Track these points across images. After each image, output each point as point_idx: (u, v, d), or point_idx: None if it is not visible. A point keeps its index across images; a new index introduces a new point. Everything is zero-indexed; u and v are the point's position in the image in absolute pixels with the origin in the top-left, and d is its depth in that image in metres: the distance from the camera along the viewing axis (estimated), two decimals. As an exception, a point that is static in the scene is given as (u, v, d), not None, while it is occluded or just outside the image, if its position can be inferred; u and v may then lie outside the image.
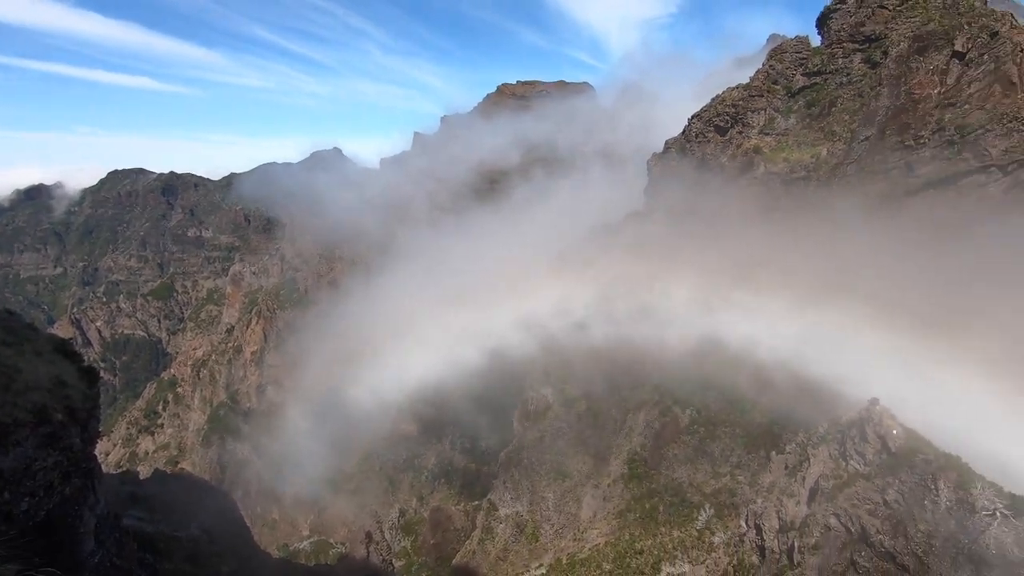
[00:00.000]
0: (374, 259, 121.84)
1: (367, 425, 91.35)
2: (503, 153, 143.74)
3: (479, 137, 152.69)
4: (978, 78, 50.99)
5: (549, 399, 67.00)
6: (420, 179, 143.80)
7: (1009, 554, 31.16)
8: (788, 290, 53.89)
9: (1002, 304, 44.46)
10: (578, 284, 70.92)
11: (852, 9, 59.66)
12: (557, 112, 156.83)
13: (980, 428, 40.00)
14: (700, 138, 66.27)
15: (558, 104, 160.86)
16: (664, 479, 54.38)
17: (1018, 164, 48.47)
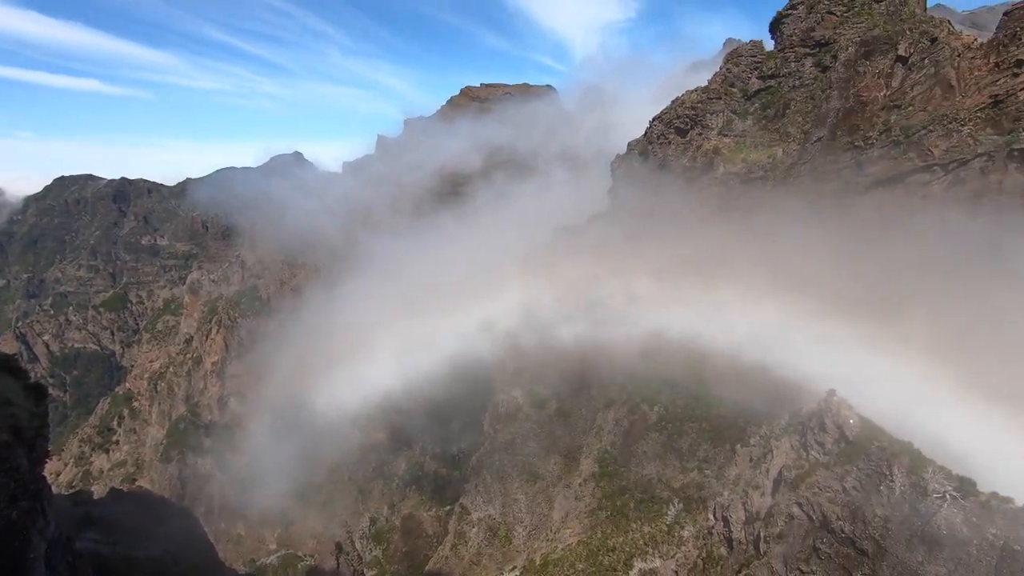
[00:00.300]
0: (338, 265, 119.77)
1: (335, 434, 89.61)
2: (466, 156, 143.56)
3: (442, 140, 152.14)
4: (920, 81, 53.58)
5: (519, 401, 67.10)
6: (383, 183, 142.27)
7: (959, 534, 32.72)
8: (749, 287, 55.44)
9: (944, 295, 46.82)
10: (545, 285, 71.33)
11: (803, 15, 61.86)
12: (520, 115, 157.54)
13: (927, 412, 42.01)
14: (661, 140, 67.58)
15: (521, 107, 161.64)
16: (634, 476, 55.11)
17: (958, 163, 51.11)
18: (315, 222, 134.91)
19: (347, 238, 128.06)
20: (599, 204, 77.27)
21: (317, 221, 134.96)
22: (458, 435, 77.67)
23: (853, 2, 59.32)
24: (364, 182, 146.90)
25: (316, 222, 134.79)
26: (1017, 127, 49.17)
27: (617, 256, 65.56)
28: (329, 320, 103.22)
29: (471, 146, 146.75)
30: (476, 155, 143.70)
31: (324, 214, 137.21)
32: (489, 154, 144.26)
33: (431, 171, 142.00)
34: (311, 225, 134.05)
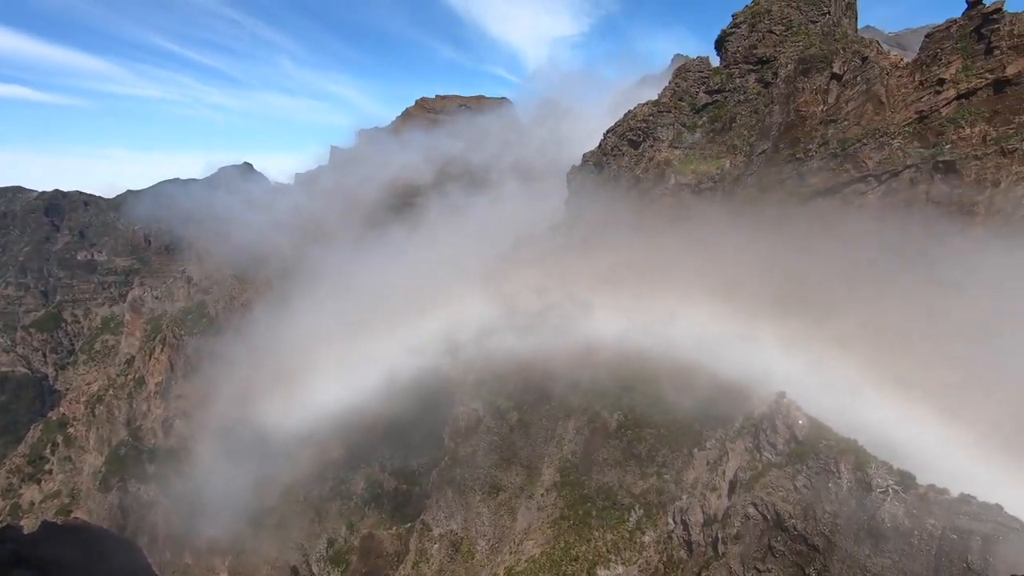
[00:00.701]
0: (290, 280, 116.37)
1: (289, 454, 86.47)
2: (420, 168, 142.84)
3: (396, 152, 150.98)
4: (854, 97, 56.85)
5: (480, 413, 66.61)
6: (336, 195, 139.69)
7: (901, 526, 34.38)
8: (702, 293, 57.08)
9: (879, 299, 49.50)
10: (503, 296, 71.37)
11: (745, 33, 64.74)
12: (475, 126, 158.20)
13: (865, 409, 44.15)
14: (615, 151, 69.06)
15: (476, 118, 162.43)
16: (595, 484, 55.45)
17: (890, 174, 54.34)
18: (265, 235, 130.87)
19: (298, 252, 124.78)
20: (554, 215, 78.14)
21: (267, 234, 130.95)
22: (418, 450, 76.25)
23: (791, 22, 62.54)
24: (316, 194, 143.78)
25: (266, 235, 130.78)
26: (940, 141, 52.75)
27: (575, 266, 66.33)
28: (280, 336, 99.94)
29: (425, 158, 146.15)
30: (430, 167, 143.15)
31: (274, 227, 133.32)
32: (443, 166, 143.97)
33: (384, 183, 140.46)
34: (261, 238, 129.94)
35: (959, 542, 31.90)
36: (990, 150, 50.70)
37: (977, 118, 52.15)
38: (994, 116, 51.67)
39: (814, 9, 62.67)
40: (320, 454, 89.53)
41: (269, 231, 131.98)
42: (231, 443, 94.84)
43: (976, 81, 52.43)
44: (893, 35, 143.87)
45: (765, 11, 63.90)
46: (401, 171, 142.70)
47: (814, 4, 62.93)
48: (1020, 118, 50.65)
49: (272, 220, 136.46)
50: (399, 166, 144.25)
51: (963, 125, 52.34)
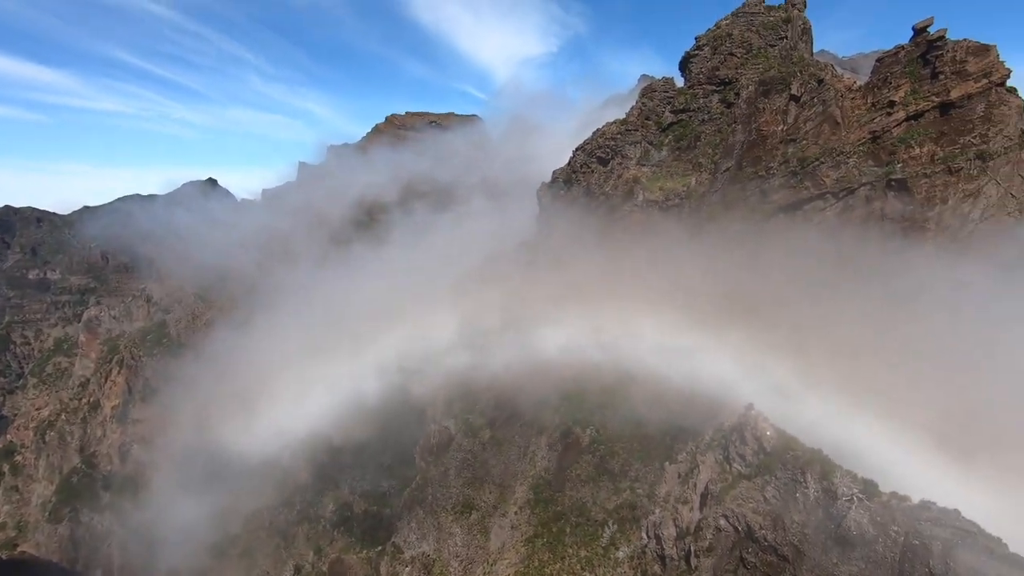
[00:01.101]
0: (254, 299, 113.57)
1: (254, 478, 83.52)
2: (389, 184, 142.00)
3: (365, 168, 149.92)
4: (811, 118, 59.17)
5: (452, 431, 65.81)
6: (303, 212, 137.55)
7: (866, 533, 35.13)
8: (671, 308, 57.95)
9: (839, 312, 51.17)
10: (475, 313, 71.09)
11: (708, 55, 66.92)
12: (444, 143, 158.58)
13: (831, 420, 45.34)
14: (585, 169, 70.08)
15: (446, 135, 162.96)
16: (569, 500, 55.17)
17: (847, 191, 56.54)
18: (229, 253, 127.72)
19: (263, 270, 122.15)
20: (524, 232, 78.56)
21: (231, 252, 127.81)
22: (389, 471, 74.66)
23: (751, 46, 64.97)
24: (282, 211, 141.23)
25: (230, 253, 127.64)
26: (892, 160, 55.24)
27: (545, 282, 66.62)
28: (244, 357, 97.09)
29: (394, 174, 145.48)
30: (398, 183, 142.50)
31: (238, 245, 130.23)
32: (412, 182, 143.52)
33: (352, 200, 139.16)
34: (224, 256, 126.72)
35: (921, 548, 32.72)
36: (938, 169, 53.33)
37: (925, 139, 54.86)
38: (941, 137, 54.45)
39: (772, 34, 65.28)
40: (286, 478, 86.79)
41: (233, 249, 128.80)
42: (192, 469, 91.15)
43: (923, 104, 55.25)
44: (846, 59, 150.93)
45: (727, 35, 66.26)
46: (369, 188, 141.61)
47: (772, 29, 65.57)
48: (964, 139, 53.48)
49: (236, 237, 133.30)
50: (367, 183, 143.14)
51: (913, 145, 54.97)
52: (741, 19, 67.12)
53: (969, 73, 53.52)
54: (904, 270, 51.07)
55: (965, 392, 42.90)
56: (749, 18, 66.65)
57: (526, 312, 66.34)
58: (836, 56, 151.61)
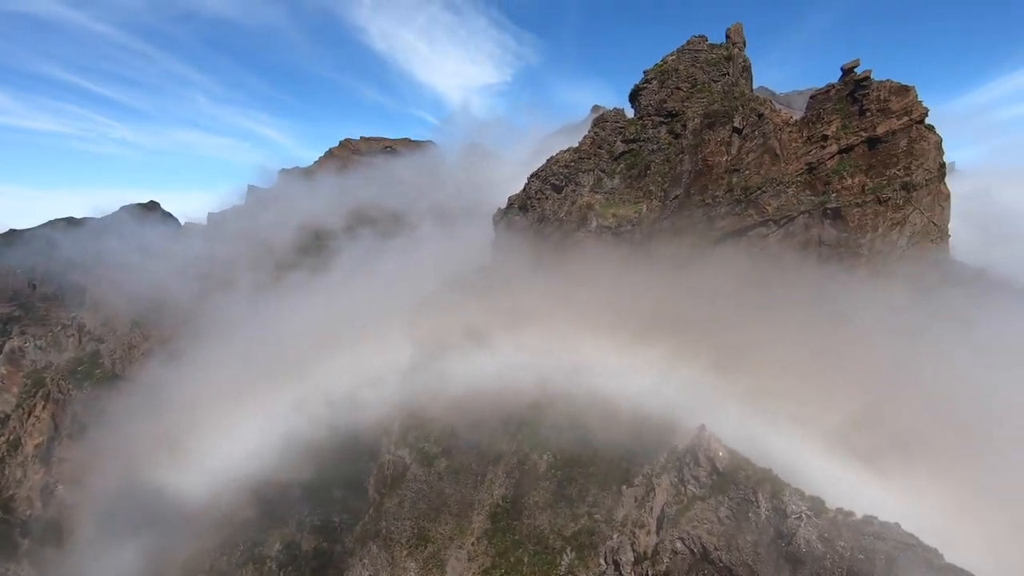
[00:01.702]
0: (194, 328, 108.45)
1: (194, 519, 78.33)
2: (340, 210, 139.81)
3: (316, 193, 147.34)
4: (753, 149, 62.37)
5: (407, 461, 64.01)
6: (250, 238, 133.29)
7: (815, 550, 36.03)
8: (624, 331, 58.89)
9: (783, 333, 53.40)
10: (430, 340, 70.07)
11: (656, 88, 69.89)
12: (399, 169, 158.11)
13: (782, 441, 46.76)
14: (539, 195, 71.20)
15: (401, 161, 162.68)
16: (527, 528, 54.28)
17: (787, 219, 59.58)
18: (169, 279, 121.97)
19: (205, 298, 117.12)
20: (479, 257, 78.67)
21: (172, 278, 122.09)
22: (341, 504, 71.54)
23: (696, 80, 68.32)
24: (228, 236, 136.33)
25: (170, 279, 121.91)
26: (828, 189, 58.74)
27: (501, 307, 66.62)
28: (184, 389, 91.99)
29: (346, 200, 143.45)
30: (351, 209, 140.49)
31: (180, 270, 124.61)
32: (365, 208, 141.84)
33: (302, 225, 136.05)
34: (164, 282, 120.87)
35: (866, 562, 33.81)
36: (868, 199, 57.03)
37: (856, 170, 58.74)
38: (870, 169, 58.42)
39: (715, 70, 68.92)
40: (229, 517, 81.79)
41: (173, 274, 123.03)
42: (124, 511, 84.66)
43: (853, 138, 59.29)
44: (783, 95, 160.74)
45: (673, 70, 69.50)
46: (320, 213, 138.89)
47: (715, 65, 69.26)
48: (891, 171, 57.52)
49: (178, 262, 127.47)
50: (317, 208, 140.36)
51: (845, 176, 58.72)
52: (686, 55, 70.65)
53: (892, 111, 57.92)
54: (841, 293, 53.94)
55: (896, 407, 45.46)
56: (693, 55, 70.24)
57: (482, 337, 65.96)
58: (774, 92, 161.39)
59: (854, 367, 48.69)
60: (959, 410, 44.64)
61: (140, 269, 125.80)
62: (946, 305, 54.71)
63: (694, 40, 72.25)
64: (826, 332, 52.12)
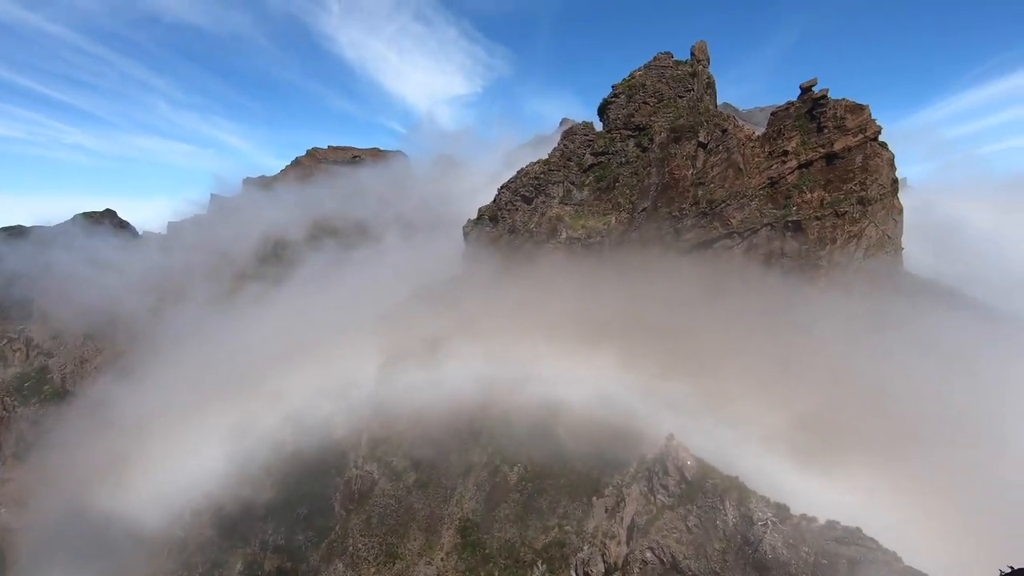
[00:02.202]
0: (151, 341, 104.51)
1: (150, 541, 74.86)
2: (306, 220, 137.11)
3: (282, 203, 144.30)
4: (717, 163, 63.96)
5: (374, 475, 62.69)
6: (213, 247, 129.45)
7: (780, 556, 36.64)
8: (594, 342, 59.27)
9: (748, 340, 54.61)
10: (400, 351, 69.14)
11: (624, 103, 71.18)
12: (367, 179, 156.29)
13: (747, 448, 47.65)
14: (510, 206, 71.41)
15: (369, 171, 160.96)
16: (497, 542, 53.67)
17: (751, 231, 61.16)
18: (125, 290, 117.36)
19: (164, 309, 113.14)
20: (450, 268, 78.22)
21: (127, 289, 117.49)
22: (306, 522, 69.38)
23: (662, 96, 69.88)
24: (188, 246, 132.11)
25: (126, 290, 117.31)
26: (789, 203, 60.59)
27: (472, 318, 66.28)
28: (144, 400, 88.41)
29: (311, 209, 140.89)
30: (318, 219, 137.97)
31: (136, 281, 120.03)
32: (331, 218, 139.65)
33: (266, 235, 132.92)
34: (119, 294, 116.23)
35: (829, 567, 34.54)
36: (827, 212, 59.08)
37: (815, 185, 60.85)
38: (828, 184, 60.60)
39: (681, 86, 70.66)
40: (187, 538, 78.49)
41: (127, 286, 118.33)
42: (74, 534, 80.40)
43: (812, 154, 61.46)
44: (745, 112, 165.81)
45: (640, 85, 70.94)
46: (283, 223, 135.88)
47: (680, 81, 71.01)
48: (848, 185, 59.77)
49: (132, 274, 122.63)
50: (281, 218, 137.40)
51: (805, 190, 60.73)
52: (653, 71, 72.27)
53: (848, 128, 60.34)
54: (802, 303, 55.57)
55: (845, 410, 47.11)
56: (660, 71, 71.90)
57: (452, 349, 65.42)
58: (737, 108, 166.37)
59: (813, 375, 50.12)
60: (905, 412, 46.62)
61: (91, 281, 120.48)
62: (898, 314, 56.99)
63: (660, 56, 74.03)
64: (788, 341, 53.57)
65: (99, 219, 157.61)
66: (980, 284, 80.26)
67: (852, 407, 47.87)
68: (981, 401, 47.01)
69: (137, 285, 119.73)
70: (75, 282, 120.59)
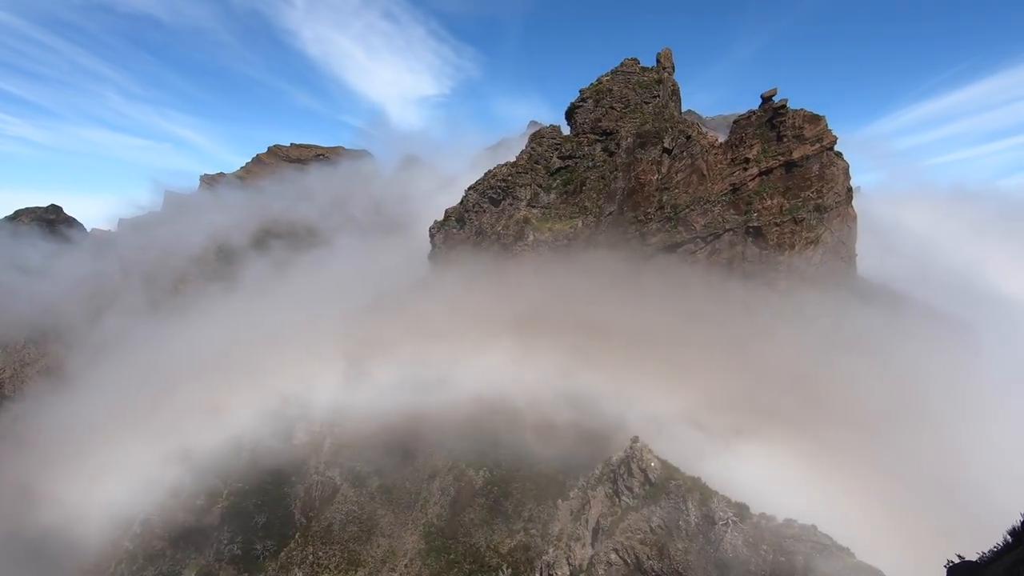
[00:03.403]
0: (102, 339, 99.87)
1: (96, 554, 71.14)
2: (267, 219, 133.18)
3: (241, 200, 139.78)
4: (681, 169, 65.10)
5: (336, 481, 61.24)
6: (166, 245, 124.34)
7: (740, 555, 37.30)
8: (559, 342, 59.39)
9: (712, 342, 55.70)
10: (363, 353, 67.78)
11: (591, 107, 71.77)
12: (330, 178, 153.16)
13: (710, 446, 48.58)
14: (477, 208, 71.02)
15: (332, 169, 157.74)
16: (462, 547, 53.10)
17: (714, 236, 62.43)
18: (77, 287, 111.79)
19: (119, 306, 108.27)
20: (414, 269, 77.24)
21: (79, 285, 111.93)
22: (264, 531, 67.22)
23: (629, 101, 70.76)
24: (138, 245, 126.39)
25: (78, 286, 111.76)
26: (750, 209, 62.10)
27: (438, 321, 65.53)
28: (92, 404, 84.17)
29: (274, 208, 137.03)
30: (275, 218, 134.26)
31: (90, 277, 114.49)
32: (293, 217, 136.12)
33: (223, 234, 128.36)
34: (71, 291, 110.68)
35: (786, 563, 35.34)
36: (785, 218, 60.83)
37: (775, 192, 62.58)
38: (787, 191, 62.40)
39: (647, 92, 71.70)
40: (138, 546, 74.96)
41: (82, 282, 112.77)
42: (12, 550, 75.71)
43: (772, 162, 63.20)
44: (709, 119, 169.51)
45: (607, 90, 71.66)
46: (244, 222, 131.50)
47: (646, 87, 72.07)
48: (805, 193, 61.68)
49: (73, 276, 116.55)
50: (240, 217, 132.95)
51: (765, 197, 62.38)
52: (619, 77, 73.14)
53: (806, 137, 62.31)
54: (763, 306, 57.03)
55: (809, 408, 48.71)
56: (626, 76, 72.82)
57: (416, 352, 64.51)
58: (701, 116, 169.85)
59: (776, 379, 51.50)
60: (844, 400, 49.30)
61: (40, 279, 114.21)
62: (852, 318, 59.18)
63: (627, 62, 74.99)
64: (748, 341, 54.90)
65: (44, 215, 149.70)
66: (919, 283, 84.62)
67: (807, 404, 49.53)
68: (918, 396, 49.61)
69: (97, 278, 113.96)
70: (22, 277, 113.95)
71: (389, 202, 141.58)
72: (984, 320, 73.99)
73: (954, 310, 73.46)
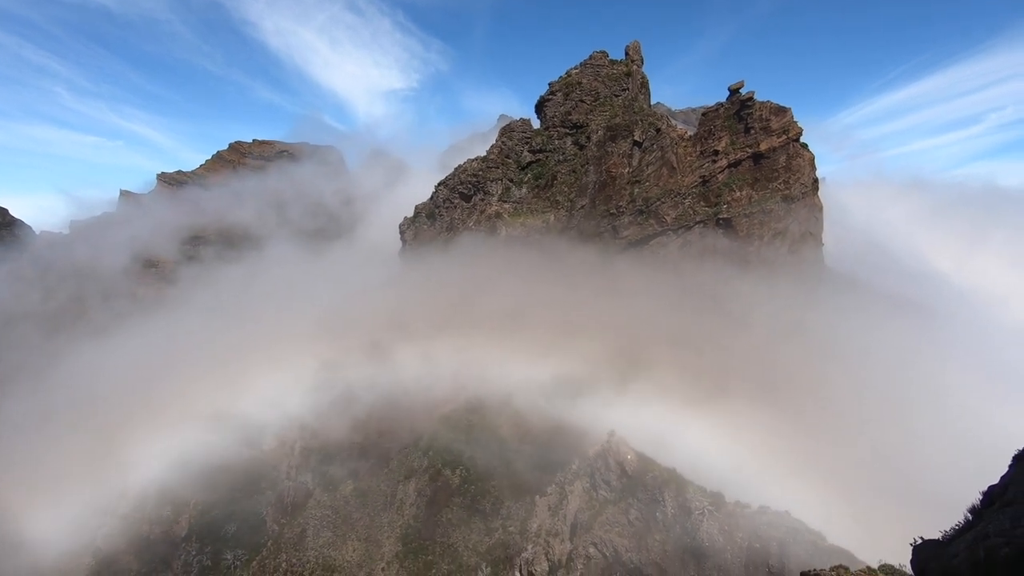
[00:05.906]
0: (62, 343, 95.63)
1: (58, 571, 68.03)
2: (227, 217, 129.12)
3: (202, 198, 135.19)
4: (652, 162, 65.25)
5: (309, 486, 59.78)
6: (124, 246, 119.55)
7: (716, 543, 37.68)
8: (534, 339, 59.02)
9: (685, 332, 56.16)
10: (335, 355, 66.24)
11: (561, 100, 71.38)
12: (294, 174, 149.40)
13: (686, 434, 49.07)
14: (447, 204, 70.03)
15: (297, 165, 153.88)
16: (440, 548, 52.42)
17: (685, 228, 62.80)
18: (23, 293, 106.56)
19: (76, 307, 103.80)
20: (386, 267, 75.89)
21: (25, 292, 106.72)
22: (235, 539, 65.19)
23: (598, 94, 70.59)
24: (94, 246, 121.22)
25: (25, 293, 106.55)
26: (720, 201, 62.64)
27: (409, 320, 64.43)
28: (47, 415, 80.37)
29: (235, 204, 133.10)
30: (242, 215, 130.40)
31: (39, 282, 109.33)
32: (255, 214, 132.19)
33: (183, 233, 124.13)
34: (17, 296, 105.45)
35: (761, 550, 35.81)
36: (754, 210, 61.54)
37: (743, 183, 63.23)
38: (755, 182, 63.12)
39: (616, 85, 71.64)
40: (102, 562, 72.03)
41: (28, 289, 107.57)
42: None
43: (740, 153, 63.82)
44: (678, 111, 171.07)
45: (576, 83, 71.34)
46: (205, 220, 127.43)
47: (616, 80, 72.00)
48: (773, 184, 62.48)
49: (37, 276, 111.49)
50: (202, 214, 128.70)
51: (734, 189, 63.00)
52: (589, 70, 72.88)
53: (773, 129, 63.07)
54: (734, 296, 57.65)
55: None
56: (596, 69, 72.61)
57: (389, 351, 63.36)
58: (670, 108, 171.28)
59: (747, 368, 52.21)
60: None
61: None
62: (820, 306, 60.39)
63: (596, 55, 74.75)
64: (721, 330, 55.49)
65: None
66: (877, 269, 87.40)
67: (768, 385, 50.66)
68: (877, 377, 51.42)
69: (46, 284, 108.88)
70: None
71: (354, 199, 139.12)
72: (939, 304, 76.70)
73: (911, 294, 75.81)
